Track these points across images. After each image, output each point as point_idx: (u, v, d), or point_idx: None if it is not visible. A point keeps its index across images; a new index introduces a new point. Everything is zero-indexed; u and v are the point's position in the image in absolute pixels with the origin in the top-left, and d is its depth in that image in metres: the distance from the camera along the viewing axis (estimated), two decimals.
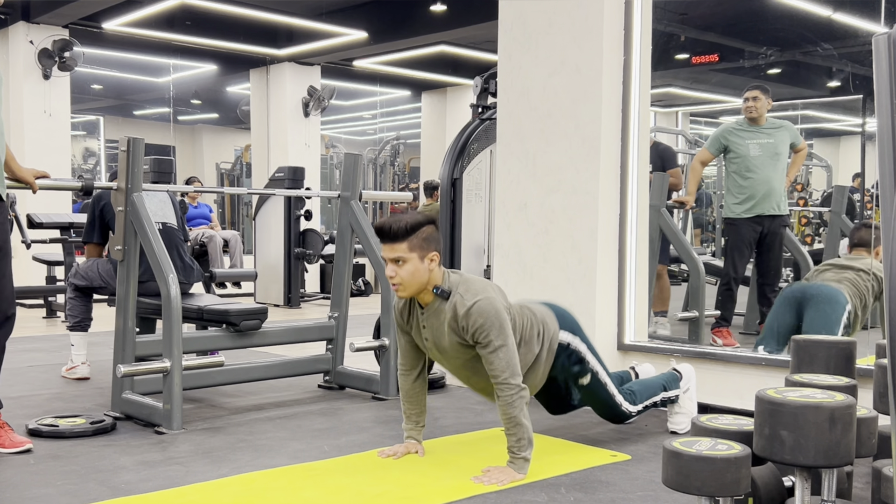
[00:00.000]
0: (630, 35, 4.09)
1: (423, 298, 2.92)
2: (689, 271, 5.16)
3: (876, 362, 2.37)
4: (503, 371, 2.82)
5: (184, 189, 4.88)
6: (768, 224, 5.05)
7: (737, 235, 5.10)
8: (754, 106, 5.07)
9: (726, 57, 7.21)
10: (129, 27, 9.62)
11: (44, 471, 2.95)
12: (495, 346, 2.81)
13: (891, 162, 1.45)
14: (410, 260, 2.81)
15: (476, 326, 2.81)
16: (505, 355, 2.82)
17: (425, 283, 2.86)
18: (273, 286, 9.04)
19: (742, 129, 5.10)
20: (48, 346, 5.90)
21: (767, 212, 5.04)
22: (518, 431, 2.86)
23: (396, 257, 2.82)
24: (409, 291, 2.87)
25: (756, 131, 5.08)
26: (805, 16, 6.34)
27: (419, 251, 2.82)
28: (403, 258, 2.81)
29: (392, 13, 9.59)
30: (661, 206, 5.06)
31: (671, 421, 3.55)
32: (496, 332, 2.81)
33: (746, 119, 5.11)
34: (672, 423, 3.54)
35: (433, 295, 2.89)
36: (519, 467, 2.87)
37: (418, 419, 3.18)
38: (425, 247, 2.83)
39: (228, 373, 4.06)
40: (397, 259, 2.82)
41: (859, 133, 7.12)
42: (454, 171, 6.20)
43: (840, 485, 2.25)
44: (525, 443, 2.87)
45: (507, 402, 2.83)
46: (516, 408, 2.83)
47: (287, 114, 11.00)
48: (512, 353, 2.84)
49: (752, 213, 5.04)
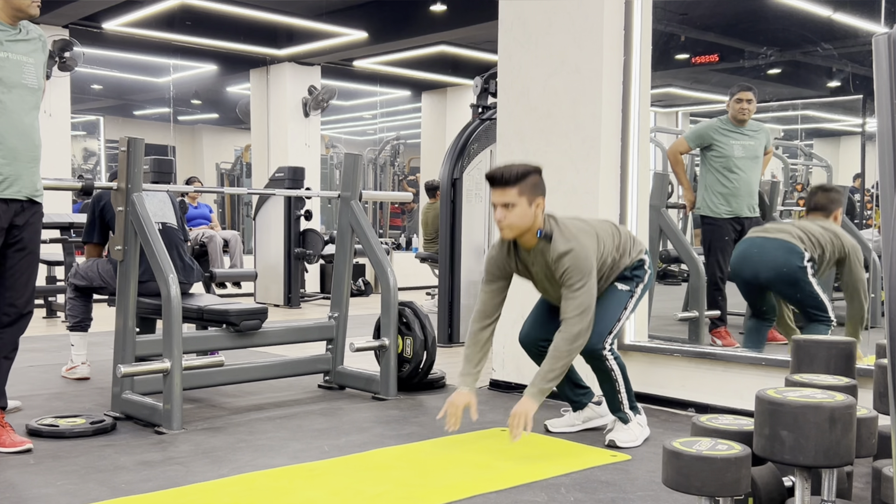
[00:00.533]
0: (630, 35, 4.09)
1: (526, 242, 3.16)
2: (689, 271, 5.15)
3: (876, 362, 2.37)
4: (574, 311, 3.06)
5: (184, 189, 4.88)
6: (746, 225, 5.06)
7: (718, 235, 5.09)
8: (748, 108, 5.06)
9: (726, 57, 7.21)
10: (129, 27, 9.61)
11: (44, 471, 2.95)
12: (574, 289, 3.06)
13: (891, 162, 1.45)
14: (519, 204, 3.05)
15: (563, 270, 3.07)
16: (582, 297, 3.07)
17: (530, 226, 3.10)
18: (273, 286, 9.04)
19: (727, 128, 5.08)
20: (48, 346, 5.90)
21: (745, 213, 5.07)
22: (557, 365, 3.07)
23: (506, 202, 3.05)
24: (515, 233, 3.11)
25: (740, 132, 5.07)
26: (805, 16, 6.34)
27: (528, 196, 3.06)
28: (513, 202, 3.05)
29: (392, 13, 9.59)
30: (661, 206, 5.06)
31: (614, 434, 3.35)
32: (577, 276, 3.06)
33: (733, 119, 5.08)
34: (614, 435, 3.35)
35: (536, 238, 3.14)
36: (535, 394, 3.05)
37: (478, 364, 3.31)
38: (534, 192, 3.08)
39: (228, 373, 4.06)
40: (507, 203, 3.05)
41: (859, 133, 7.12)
42: (454, 171, 6.20)
43: (840, 485, 2.25)
44: (553, 377, 3.07)
45: (568, 338, 3.07)
46: (570, 349, 3.08)
47: (287, 114, 11.00)
48: (588, 295, 3.08)
49: (733, 214, 5.05)
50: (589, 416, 3.62)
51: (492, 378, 4.55)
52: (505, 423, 3.71)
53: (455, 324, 6.11)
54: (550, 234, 3.13)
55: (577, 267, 3.07)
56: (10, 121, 3.09)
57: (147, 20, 9.37)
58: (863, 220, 6.64)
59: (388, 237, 13.69)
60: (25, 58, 3.16)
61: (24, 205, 3.18)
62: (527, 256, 3.22)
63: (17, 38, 3.15)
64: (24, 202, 3.18)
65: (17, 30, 3.15)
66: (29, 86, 3.16)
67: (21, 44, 3.16)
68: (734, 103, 5.07)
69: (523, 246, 3.20)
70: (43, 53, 3.28)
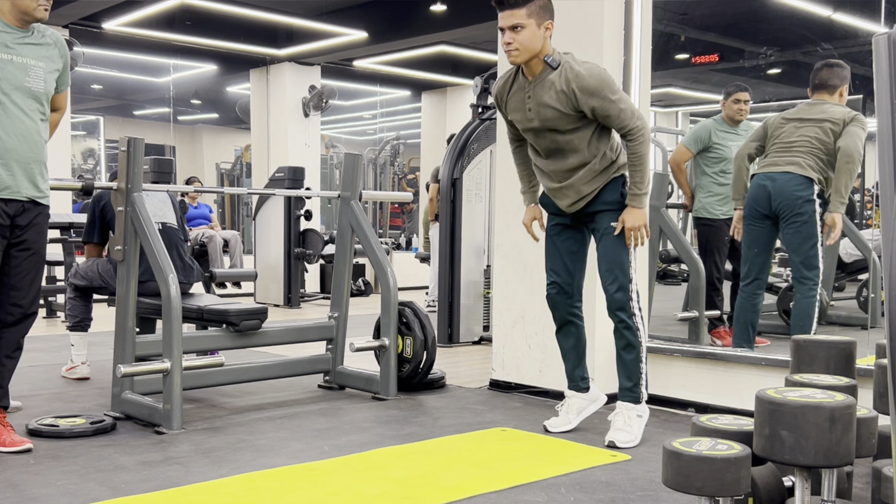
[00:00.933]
0: (630, 35, 4.09)
1: (532, 68, 3.13)
2: (689, 271, 5.15)
3: (876, 362, 2.37)
4: (629, 119, 3.10)
5: (184, 189, 4.87)
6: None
7: (715, 236, 5.09)
8: (745, 109, 5.06)
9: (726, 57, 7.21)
10: (129, 27, 9.61)
11: (44, 471, 2.95)
12: (614, 100, 3.07)
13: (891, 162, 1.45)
14: (528, 26, 3.03)
15: (590, 89, 3.05)
16: (626, 105, 3.11)
17: (538, 50, 3.08)
18: (273, 286, 9.04)
19: (723, 129, 5.07)
20: (48, 346, 5.91)
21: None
22: (643, 169, 3.14)
23: (514, 24, 3.03)
24: (524, 57, 3.08)
25: (735, 132, 5.07)
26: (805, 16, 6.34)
27: (536, 18, 3.03)
28: (521, 24, 3.02)
29: (392, 13, 9.59)
30: (661, 206, 5.06)
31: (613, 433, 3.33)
32: (609, 87, 3.06)
33: (729, 120, 5.07)
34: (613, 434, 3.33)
35: (543, 64, 3.11)
36: (640, 202, 3.15)
37: (532, 180, 3.51)
38: (542, 14, 3.05)
39: (228, 373, 4.06)
40: (515, 26, 3.03)
41: None
42: (454, 171, 6.21)
43: (840, 485, 2.25)
44: (647, 179, 3.18)
45: (639, 142, 3.11)
46: (645, 146, 3.13)
47: (287, 114, 11.00)
48: (629, 101, 3.13)
49: (729, 215, 5.01)
50: (581, 408, 3.58)
51: (492, 378, 4.55)
52: (505, 422, 3.72)
53: (455, 324, 6.10)
54: (559, 61, 3.10)
55: (604, 81, 3.05)
56: (9, 121, 3.09)
57: (147, 20, 9.37)
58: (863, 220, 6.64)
59: (388, 237, 13.69)
60: (34, 61, 3.16)
61: (25, 205, 3.18)
62: (526, 87, 3.18)
63: (25, 41, 3.14)
64: (24, 202, 3.18)
65: (28, 32, 3.16)
66: (33, 89, 3.15)
67: (30, 47, 3.16)
68: (731, 103, 5.05)
69: (528, 72, 3.16)
70: (60, 59, 3.28)
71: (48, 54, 3.23)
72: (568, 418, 3.58)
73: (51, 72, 3.24)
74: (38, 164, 3.21)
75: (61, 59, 3.30)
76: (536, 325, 4.28)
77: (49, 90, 3.24)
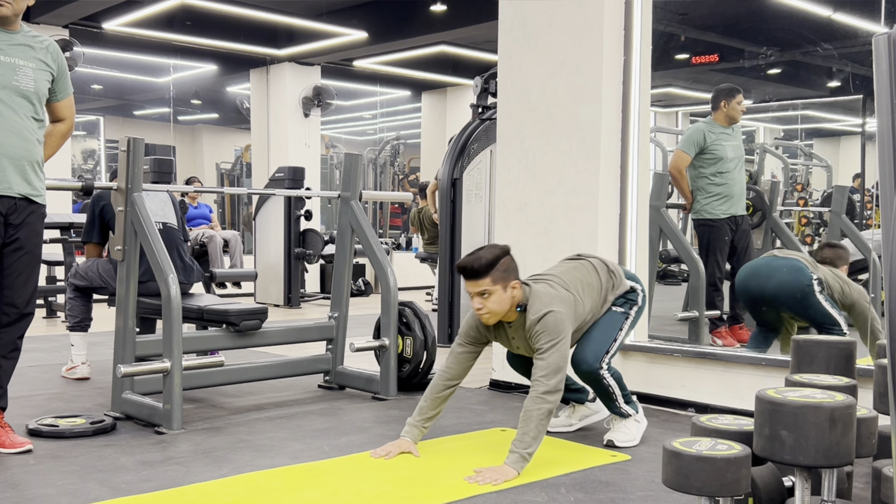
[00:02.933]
0: (630, 35, 4.09)
1: (508, 318, 3.15)
2: (689, 271, 5.16)
3: (876, 362, 2.37)
4: (543, 371, 2.98)
5: (184, 189, 4.88)
6: (740, 223, 5.11)
7: (716, 236, 5.13)
8: (742, 110, 5.12)
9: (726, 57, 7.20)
10: (129, 27, 9.62)
11: (44, 471, 2.95)
12: (543, 350, 3.01)
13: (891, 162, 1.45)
14: (495, 292, 3.04)
15: (536, 334, 3.04)
16: (552, 360, 2.99)
17: (508, 308, 3.09)
18: (273, 286, 9.04)
19: (716, 130, 5.11)
20: (48, 346, 5.90)
21: (740, 212, 5.11)
22: (529, 427, 2.94)
23: (481, 290, 3.04)
24: (495, 319, 3.12)
25: (729, 133, 5.13)
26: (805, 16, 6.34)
27: (501, 283, 3.04)
28: (488, 291, 3.03)
29: (392, 13, 9.59)
30: (661, 206, 5.06)
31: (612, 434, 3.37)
32: (547, 338, 3.01)
33: (727, 120, 5.12)
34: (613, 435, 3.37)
35: (517, 313, 3.13)
36: (514, 461, 2.91)
37: (430, 419, 3.25)
38: (506, 277, 3.06)
39: (228, 373, 4.06)
40: (482, 292, 3.04)
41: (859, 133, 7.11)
42: (454, 171, 6.20)
43: (840, 485, 2.25)
44: (529, 440, 2.93)
45: (535, 398, 2.95)
46: (540, 408, 2.94)
47: (287, 114, 11.00)
48: (559, 358, 3.00)
49: (728, 214, 5.10)
50: (585, 414, 3.65)
51: (492, 378, 4.55)
52: (505, 423, 3.72)
53: (455, 324, 6.10)
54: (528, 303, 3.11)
55: (549, 330, 3.02)
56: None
57: (147, 20, 9.37)
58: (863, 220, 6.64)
59: (388, 237, 13.69)
60: (23, 62, 3.13)
61: (17, 203, 3.14)
62: (508, 330, 3.21)
63: (12, 42, 3.13)
64: (17, 200, 3.14)
65: (15, 34, 3.15)
66: (22, 88, 3.12)
67: (18, 48, 3.14)
68: (735, 105, 5.10)
69: (505, 321, 3.19)
70: (53, 62, 3.24)
71: (38, 56, 3.19)
72: (569, 420, 3.61)
73: (41, 72, 3.18)
74: (31, 161, 3.17)
75: (54, 62, 3.25)
76: None
77: (39, 91, 3.18)
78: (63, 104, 3.35)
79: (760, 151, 7.44)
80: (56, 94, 3.30)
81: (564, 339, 3.03)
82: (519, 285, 3.09)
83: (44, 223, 3.31)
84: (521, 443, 2.93)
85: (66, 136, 3.43)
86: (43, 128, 3.26)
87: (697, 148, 5.11)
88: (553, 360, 2.99)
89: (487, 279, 3.02)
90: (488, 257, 3.03)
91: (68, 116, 3.39)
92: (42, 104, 3.23)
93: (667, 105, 8.18)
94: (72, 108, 3.40)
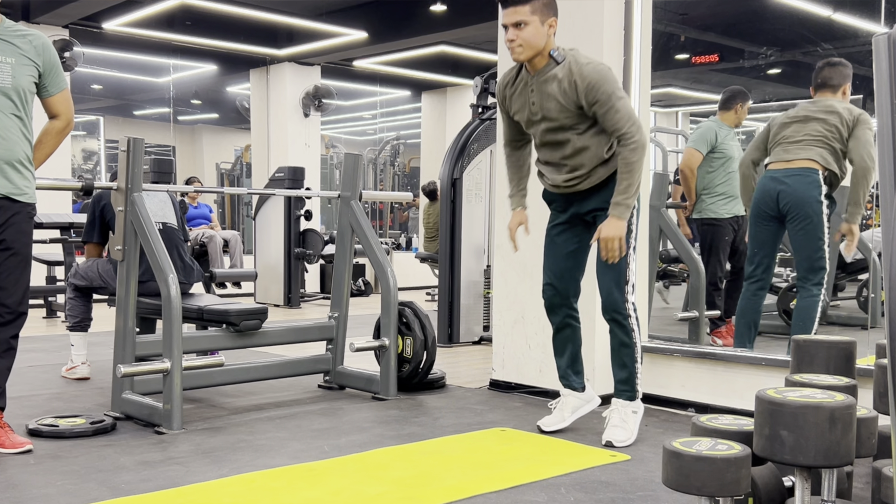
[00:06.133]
0: (630, 35, 4.09)
1: (536, 64, 3.09)
2: (689, 271, 5.16)
3: (876, 362, 2.37)
4: (626, 122, 2.98)
5: (184, 189, 4.88)
6: (742, 224, 5.13)
7: (719, 235, 5.14)
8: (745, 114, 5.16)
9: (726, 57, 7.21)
10: (129, 27, 9.62)
11: (44, 471, 2.95)
12: (613, 100, 2.98)
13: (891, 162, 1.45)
14: (532, 23, 2.98)
15: (591, 84, 2.98)
16: (624, 107, 3.00)
17: (542, 47, 3.03)
18: (273, 286, 9.04)
19: (724, 130, 5.13)
20: (48, 346, 5.91)
21: (741, 212, 5.13)
22: (631, 178, 3.00)
23: (518, 21, 2.98)
24: (528, 54, 3.04)
25: (733, 133, 5.17)
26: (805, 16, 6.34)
27: (540, 15, 2.99)
28: (525, 21, 2.97)
29: (392, 13, 9.59)
30: (661, 206, 5.07)
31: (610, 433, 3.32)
32: (611, 86, 2.99)
33: (735, 123, 5.15)
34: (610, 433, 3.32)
35: (547, 59, 3.06)
36: (622, 211, 3.01)
37: (520, 182, 3.43)
38: (546, 11, 3.01)
39: (228, 373, 4.06)
40: (518, 23, 2.98)
41: None
42: (454, 171, 6.20)
43: (840, 485, 2.25)
44: (634, 190, 3.02)
45: (630, 148, 2.98)
46: (637, 155, 2.98)
47: (287, 114, 11.00)
48: (628, 104, 3.02)
49: (732, 214, 5.12)
50: (576, 406, 3.57)
51: (492, 378, 4.55)
52: (505, 423, 3.72)
53: (455, 324, 6.10)
54: (564, 56, 3.05)
55: (604, 78, 2.97)
56: None
57: (147, 20, 9.37)
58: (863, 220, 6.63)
59: (388, 237, 13.69)
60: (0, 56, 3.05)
61: (1, 203, 3.10)
62: (530, 82, 3.14)
63: None
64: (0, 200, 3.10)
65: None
66: (1, 85, 3.06)
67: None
68: (743, 110, 5.15)
69: (532, 68, 3.12)
70: (38, 57, 3.15)
71: (20, 51, 3.10)
72: (562, 415, 3.56)
73: (22, 67, 3.10)
74: (11, 160, 3.09)
75: (39, 57, 3.15)
76: (536, 325, 4.28)
77: (20, 87, 3.09)
78: (57, 99, 3.25)
79: None
80: (48, 90, 3.22)
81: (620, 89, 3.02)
82: (556, 25, 3.03)
83: (32, 222, 3.23)
84: (626, 194, 3.01)
85: (64, 132, 3.32)
86: (26, 125, 3.16)
87: (709, 146, 5.13)
88: (627, 108, 2.99)
89: (527, 7, 2.96)
90: None
91: (64, 112, 3.28)
92: (24, 100, 3.13)
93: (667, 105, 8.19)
94: (68, 103, 3.29)
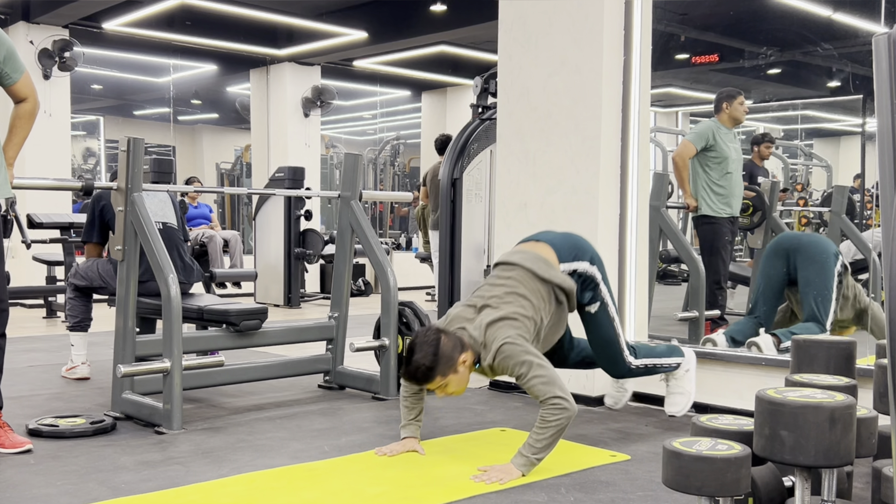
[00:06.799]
0: (630, 35, 4.09)
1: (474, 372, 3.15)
2: (689, 271, 5.16)
3: (876, 362, 2.37)
4: (545, 393, 2.91)
5: (184, 189, 4.88)
6: (735, 224, 5.16)
7: (718, 234, 5.17)
8: (744, 110, 5.16)
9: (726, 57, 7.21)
10: (129, 27, 9.62)
11: (44, 471, 2.95)
12: (528, 376, 2.93)
13: (891, 162, 1.45)
14: (449, 380, 3.00)
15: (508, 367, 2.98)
16: (539, 378, 2.92)
17: (468, 379, 3.06)
18: (273, 286, 9.04)
19: (722, 130, 5.15)
20: (48, 346, 5.90)
21: (736, 213, 5.16)
22: (545, 435, 2.89)
23: (437, 387, 3.02)
24: (462, 391, 3.09)
25: (732, 134, 5.18)
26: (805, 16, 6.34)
27: (452, 372, 2.99)
28: (443, 384, 3.00)
29: (392, 13, 9.59)
30: (661, 206, 5.07)
31: (669, 402, 3.68)
32: (520, 364, 2.93)
33: (732, 121, 5.16)
34: (670, 403, 3.68)
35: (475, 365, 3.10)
36: (523, 464, 2.89)
37: (417, 418, 3.27)
38: (452, 363, 2.98)
39: (228, 373, 4.06)
40: (438, 387, 3.02)
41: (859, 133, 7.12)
42: (454, 171, 6.20)
43: (840, 485, 2.25)
44: (542, 447, 2.90)
45: (551, 414, 2.89)
46: (559, 419, 2.88)
47: (287, 114, 11.00)
48: (545, 372, 2.93)
49: (728, 213, 5.17)
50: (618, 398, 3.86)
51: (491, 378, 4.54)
52: (505, 423, 3.72)
53: None
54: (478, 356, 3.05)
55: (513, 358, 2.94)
56: None
57: (147, 20, 9.38)
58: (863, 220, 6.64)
59: (388, 237, 13.69)
60: None
61: None
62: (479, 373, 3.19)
63: None
64: None
65: None
66: None
67: None
68: (737, 105, 5.14)
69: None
70: None
71: None
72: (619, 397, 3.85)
73: None
74: None
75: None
76: None
77: None
78: (20, 85, 3.27)
79: None
80: (10, 77, 3.22)
81: (530, 353, 2.95)
82: (468, 355, 3.00)
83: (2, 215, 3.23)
84: (533, 448, 2.89)
85: (34, 114, 3.34)
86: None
87: (705, 142, 5.15)
88: (538, 374, 2.91)
89: (437, 379, 2.97)
90: (426, 363, 2.93)
91: (30, 94, 3.31)
92: None
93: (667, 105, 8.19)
94: (30, 85, 3.31)
